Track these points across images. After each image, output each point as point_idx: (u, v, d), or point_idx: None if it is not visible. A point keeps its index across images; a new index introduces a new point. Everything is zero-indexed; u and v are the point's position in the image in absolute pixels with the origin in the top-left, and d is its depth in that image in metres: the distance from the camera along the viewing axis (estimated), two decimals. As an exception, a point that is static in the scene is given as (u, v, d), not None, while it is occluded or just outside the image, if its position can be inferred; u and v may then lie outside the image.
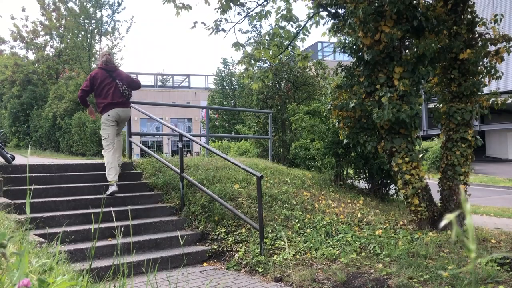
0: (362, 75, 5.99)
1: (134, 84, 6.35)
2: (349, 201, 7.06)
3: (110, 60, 6.25)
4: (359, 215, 6.35)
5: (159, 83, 45.44)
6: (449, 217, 0.70)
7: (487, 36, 6.06)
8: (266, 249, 4.95)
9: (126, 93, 6.15)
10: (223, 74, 30.33)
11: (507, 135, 26.86)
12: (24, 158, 8.55)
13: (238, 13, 7.66)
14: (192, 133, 30.06)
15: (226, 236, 5.38)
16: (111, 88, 6.03)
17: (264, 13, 7.80)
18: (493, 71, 6.06)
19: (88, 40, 16.36)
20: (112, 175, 5.85)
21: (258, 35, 14.69)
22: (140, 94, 34.45)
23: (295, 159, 9.93)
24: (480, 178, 17.86)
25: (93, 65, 15.97)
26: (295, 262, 4.68)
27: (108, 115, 6.01)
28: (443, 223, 0.72)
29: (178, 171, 6.08)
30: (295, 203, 6.39)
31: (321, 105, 8.85)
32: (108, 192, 5.71)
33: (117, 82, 6.07)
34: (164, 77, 46.14)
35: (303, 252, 4.98)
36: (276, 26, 7.97)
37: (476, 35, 6.11)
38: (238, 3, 7.29)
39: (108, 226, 4.95)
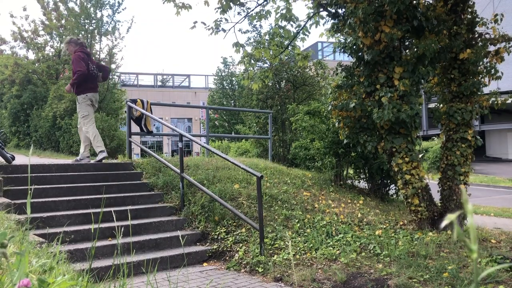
0: (362, 75, 5.99)
1: (102, 68, 7.19)
2: (349, 201, 7.06)
3: (85, 44, 7.16)
4: (359, 215, 6.35)
5: (159, 83, 45.42)
6: (450, 217, 0.69)
7: (487, 36, 6.06)
8: (266, 249, 4.95)
9: (99, 78, 7.10)
10: (223, 74, 30.33)
11: (507, 135, 26.87)
12: (24, 158, 8.55)
13: (238, 13, 7.68)
14: (192, 133, 30.05)
15: (226, 236, 5.37)
16: (91, 72, 6.83)
17: (264, 13, 7.80)
18: (493, 71, 6.07)
19: (88, 40, 16.35)
20: (101, 146, 6.74)
21: (258, 35, 14.70)
22: (140, 94, 34.45)
23: (295, 159, 9.92)
24: (480, 178, 17.87)
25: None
26: (295, 262, 4.68)
27: (86, 95, 6.79)
28: (444, 223, 0.72)
29: (178, 171, 6.07)
30: (295, 203, 6.39)
31: (321, 105, 8.85)
32: (98, 158, 6.64)
33: (94, 68, 6.88)
34: (164, 77, 46.14)
35: (303, 252, 4.98)
36: (276, 26, 7.97)
37: (476, 35, 6.11)
38: (238, 3, 7.30)
39: (108, 226, 4.94)
